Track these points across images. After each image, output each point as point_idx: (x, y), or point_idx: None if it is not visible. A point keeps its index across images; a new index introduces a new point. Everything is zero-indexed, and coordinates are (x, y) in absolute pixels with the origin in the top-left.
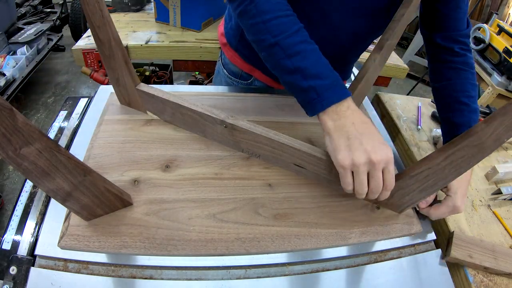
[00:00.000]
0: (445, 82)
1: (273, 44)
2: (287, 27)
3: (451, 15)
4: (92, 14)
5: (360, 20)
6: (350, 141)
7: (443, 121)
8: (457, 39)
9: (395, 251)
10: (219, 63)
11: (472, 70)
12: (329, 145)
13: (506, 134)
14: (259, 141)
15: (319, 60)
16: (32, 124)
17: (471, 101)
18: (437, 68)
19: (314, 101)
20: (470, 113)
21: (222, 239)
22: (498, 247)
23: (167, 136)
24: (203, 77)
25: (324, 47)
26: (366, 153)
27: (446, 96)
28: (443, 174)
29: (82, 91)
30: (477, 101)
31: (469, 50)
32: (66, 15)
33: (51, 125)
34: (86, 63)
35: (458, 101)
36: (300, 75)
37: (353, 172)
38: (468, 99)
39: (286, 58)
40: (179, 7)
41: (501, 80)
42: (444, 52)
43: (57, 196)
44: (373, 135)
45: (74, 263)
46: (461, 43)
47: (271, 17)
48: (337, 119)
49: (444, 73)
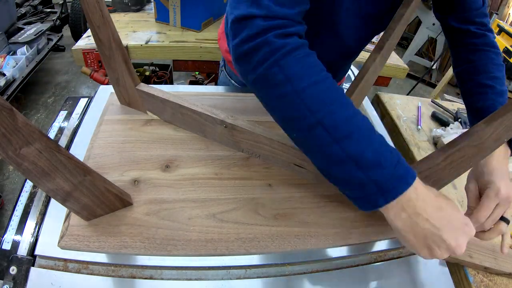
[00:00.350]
0: (465, 66)
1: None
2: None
3: None
4: (92, 14)
5: (366, 26)
6: (429, 240)
7: (468, 109)
8: (473, 20)
9: (395, 251)
10: (223, 74)
11: (495, 50)
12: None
13: (506, 134)
14: (259, 141)
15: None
16: (32, 124)
17: (496, 83)
18: (457, 52)
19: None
20: (495, 95)
21: (222, 239)
22: (498, 247)
23: (167, 136)
24: (203, 77)
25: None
26: (450, 250)
27: (467, 80)
28: (443, 174)
29: (82, 91)
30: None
31: (489, 29)
32: (66, 15)
33: (51, 125)
34: (86, 63)
35: (481, 84)
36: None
37: None
38: (492, 80)
39: (334, 143)
40: (179, 7)
41: None
42: (461, 34)
43: (57, 196)
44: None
45: (74, 263)
46: (478, 23)
47: (307, 85)
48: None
49: (464, 56)
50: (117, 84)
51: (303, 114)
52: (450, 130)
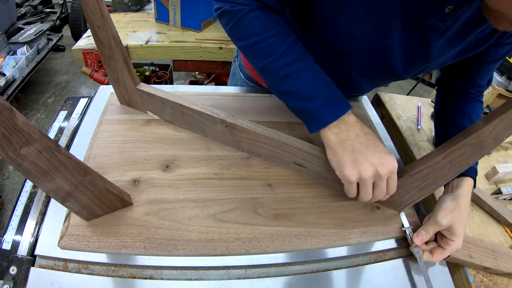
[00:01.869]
0: (454, 108)
1: (262, 68)
2: (273, 49)
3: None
4: (92, 14)
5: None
6: (355, 154)
7: None
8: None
9: (395, 251)
10: (235, 65)
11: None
12: (333, 159)
13: (505, 132)
14: (259, 140)
15: (310, 79)
16: (32, 124)
17: None
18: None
19: (311, 121)
20: None
21: (222, 239)
22: (498, 247)
23: (167, 136)
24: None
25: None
26: (372, 166)
27: (450, 121)
28: (443, 172)
29: (82, 91)
30: None
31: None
32: (66, 15)
33: (51, 125)
34: (86, 63)
35: None
36: (293, 97)
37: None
38: None
39: (277, 81)
40: (179, 7)
41: (501, 80)
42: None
43: (57, 196)
44: (377, 146)
45: (74, 263)
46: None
47: (256, 41)
48: (339, 133)
49: (456, 99)
50: (117, 84)
51: (257, 61)
52: None
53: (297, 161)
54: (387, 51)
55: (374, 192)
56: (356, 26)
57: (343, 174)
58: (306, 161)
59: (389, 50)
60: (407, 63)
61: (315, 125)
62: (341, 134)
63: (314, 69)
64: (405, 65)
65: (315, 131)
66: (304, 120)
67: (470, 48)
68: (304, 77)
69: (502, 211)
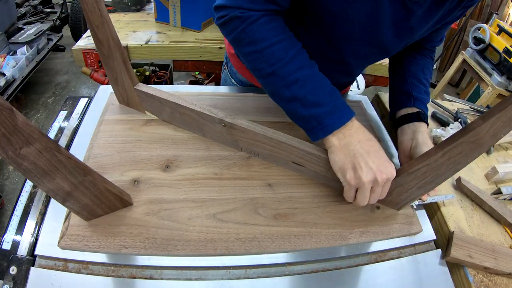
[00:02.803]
0: (410, 58)
1: (270, 73)
2: (283, 54)
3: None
4: (91, 14)
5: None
6: (356, 159)
7: (398, 90)
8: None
9: (395, 251)
10: (225, 72)
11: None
12: (335, 163)
13: (503, 130)
14: (257, 139)
15: (317, 85)
16: (32, 124)
17: (428, 86)
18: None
19: (316, 129)
20: (426, 94)
21: (222, 239)
22: (498, 247)
23: (167, 136)
24: (203, 77)
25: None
26: (372, 172)
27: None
28: (441, 170)
29: (82, 91)
30: None
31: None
32: (66, 15)
33: (51, 125)
34: (86, 63)
35: (419, 79)
36: (299, 104)
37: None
38: (428, 82)
39: (284, 87)
40: (179, 7)
41: (501, 80)
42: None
43: (57, 196)
44: (378, 152)
45: (74, 263)
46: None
47: (265, 46)
48: (342, 138)
49: (411, 52)
50: (116, 84)
51: (263, 67)
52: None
53: (295, 160)
54: (378, 27)
55: (370, 196)
56: (352, 7)
57: (344, 177)
58: (304, 160)
59: (379, 27)
60: (395, 37)
61: (322, 131)
62: (345, 139)
63: (321, 76)
64: (394, 39)
65: (321, 137)
66: (308, 127)
67: (445, 16)
68: (312, 84)
69: (502, 211)
